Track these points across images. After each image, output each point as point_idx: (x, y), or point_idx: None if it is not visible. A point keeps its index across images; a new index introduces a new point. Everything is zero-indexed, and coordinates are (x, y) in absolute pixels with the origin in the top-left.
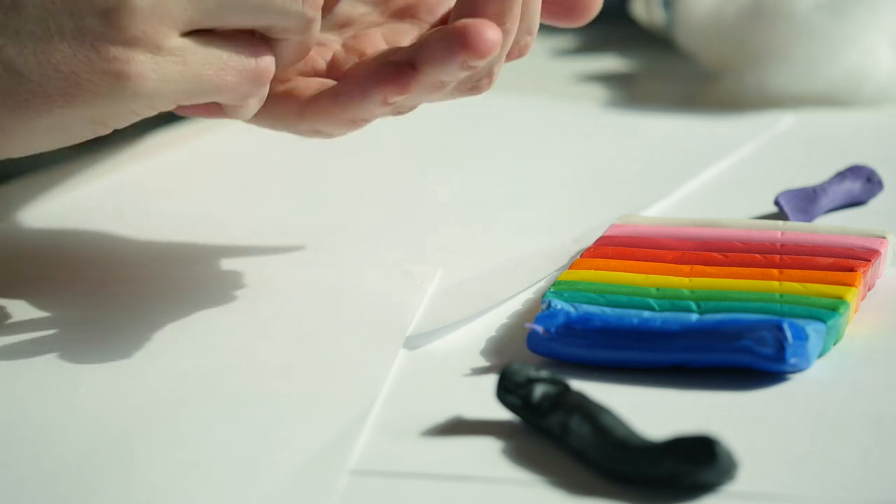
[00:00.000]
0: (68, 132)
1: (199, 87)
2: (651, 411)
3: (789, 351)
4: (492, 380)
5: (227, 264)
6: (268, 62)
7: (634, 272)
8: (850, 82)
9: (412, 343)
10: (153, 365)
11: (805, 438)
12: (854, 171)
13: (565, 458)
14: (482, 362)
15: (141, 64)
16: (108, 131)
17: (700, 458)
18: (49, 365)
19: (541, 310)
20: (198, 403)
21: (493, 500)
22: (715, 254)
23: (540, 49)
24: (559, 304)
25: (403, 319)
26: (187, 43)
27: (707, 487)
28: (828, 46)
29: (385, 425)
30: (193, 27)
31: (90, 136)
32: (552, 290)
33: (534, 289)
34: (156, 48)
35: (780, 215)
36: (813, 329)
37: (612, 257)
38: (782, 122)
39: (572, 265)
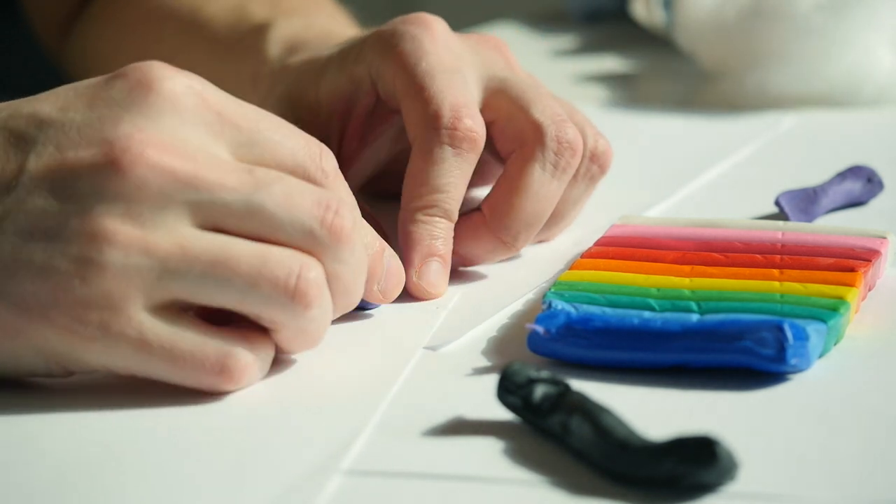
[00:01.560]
0: (19, 363)
1: (147, 368)
2: (652, 412)
3: (790, 351)
4: (492, 380)
5: None
6: (241, 360)
7: (635, 272)
8: (850, 82)
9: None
10: None
11: (805, 438)
12: (854, 172)
13: (566, 458)
14: (483, 362)
15: (90, 327)
16: (64, 374)
17: (701, 458)
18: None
19: (541, 310)
20: (198, 404)
21: (493, 500)
22: (715, 254)
23: (540, 49)
24: (560, 305)
25: (419, 335)
26: (151, 320)
27: (707, 488)
28: (828, 46)
29: (385, 425)
30: (165, 300)
31: (43, 373)
32: (553, 290)
33: (534, 289)
34: (113, 312)
35: (781, 215)
36: (813, 329)
37: (612, 258)
38: (783, 122)
39: (573, 265)
